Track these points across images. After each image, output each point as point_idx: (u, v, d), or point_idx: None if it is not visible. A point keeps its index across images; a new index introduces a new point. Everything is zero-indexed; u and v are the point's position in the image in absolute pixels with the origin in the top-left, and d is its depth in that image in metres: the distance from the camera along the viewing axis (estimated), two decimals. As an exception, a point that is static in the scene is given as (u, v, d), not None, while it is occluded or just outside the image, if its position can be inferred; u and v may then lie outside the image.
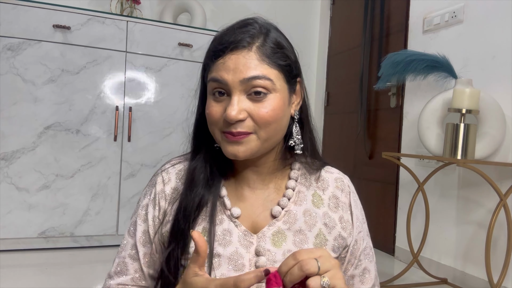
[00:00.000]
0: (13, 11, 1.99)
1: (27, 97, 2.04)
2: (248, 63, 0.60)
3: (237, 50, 0.61)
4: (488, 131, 1.69)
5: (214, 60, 0.63)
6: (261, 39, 0.62)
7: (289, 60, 0.65)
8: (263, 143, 0.63)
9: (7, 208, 2.02)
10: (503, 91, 1.75)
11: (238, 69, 0.60)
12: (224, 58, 0.61)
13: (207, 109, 0.64)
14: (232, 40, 0.61)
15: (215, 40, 0.65)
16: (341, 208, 0.70)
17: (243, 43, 0.61)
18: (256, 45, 0.62)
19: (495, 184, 1.55)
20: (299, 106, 0.70)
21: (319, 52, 3.22)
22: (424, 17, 2.18)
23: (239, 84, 0.60)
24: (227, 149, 0.63)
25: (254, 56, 0.61)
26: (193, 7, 2.55)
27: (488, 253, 1.53)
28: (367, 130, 2.61)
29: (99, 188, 2.19)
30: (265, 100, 0.61)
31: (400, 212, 2.31)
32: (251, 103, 0.61)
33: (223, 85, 0.61)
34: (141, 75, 2.27)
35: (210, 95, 0.64)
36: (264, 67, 0.61)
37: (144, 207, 0.71)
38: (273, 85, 0.61)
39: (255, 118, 0.61)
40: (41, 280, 1.72)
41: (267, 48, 0.62)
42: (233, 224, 0.66)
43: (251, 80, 0.60)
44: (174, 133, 2.34)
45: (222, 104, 0.62)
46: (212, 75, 0.62)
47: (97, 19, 2.15)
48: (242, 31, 0.62)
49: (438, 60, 1.83)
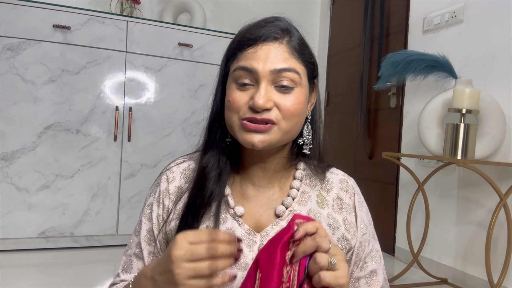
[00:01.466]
0: (13, 11, 1.99)
1: (27, 97, 2.04)
2: (279, 54, 0.61)
3: (269, 42, 0.62)
4: (488, 131, 1.69)
5: (243, 49, 0.63)
6: (289, 35, 0.64)
7: (313, 59, 0.68)
8: (283, 136, 0.63)
9: (7, 208, 2.02)
10: (503, 91, 1.75)
11: (269, 59, 0.61)
12: (256, 47, 0.62)
13: (229, 96, 0.63)
14: (263, 32, 0.62)
15: (242, 32, 0.65)
16: (345, 209, 0.70)
17: (274, 35, 0.62)
18: (286, 39, 0.63)
19: (495, 184, 1.55)
20: (313, 107, 0.71)
21: (319, 52, 3.22)
22: (424, 17, 2.18)
23: (269, 74, 0.61)
24: (244, 137, 0.62)
25: (285, 48, 0.62)
26: (193, 7, 2.55)
27: (488, 253, 1.53)
28: (367, 130, 2.60)
29: (99, 188, 2.19)
30: (292, 92, 0.62)
31: (400, 212, 2.31)
32: (278, 94, 0.62)
33: (252, 74, 0.61)
34: (141, 75, 2.27)
35: (234, 84, 0.63)
36: (293, 61, 0.63)
37: (149, 206, 0.71)
38: (300, 79, 0.63)
39: (281, 109, 0.61)
40: (41, 280, 1.72)
41: (295, 43, 0.64)
42: (237, 222, 0.66)
43: (282, 71, 0.61)
44: (174, 133, 2.34)
45: (247, 93, 0.62)
46: (240, 63, 0.62)
47: (97, 19, 2.15)
48: (271, 24, 0.64)
49: (438, 60, 1.82)
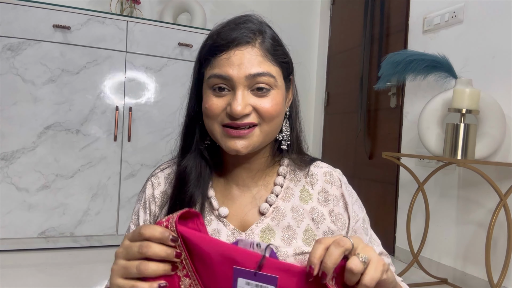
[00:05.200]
0: (13, 11, 1.99)
1: (27, 97, 2.04)
2: (253, 58, 0.61)
3: (242, 46, 0.61)
4: (488, 131, 1.69)
5: (215, 55, 0.62)
6: (261, 35, 0.63)
7: (287, 58, 0.67)
8: (264, 137, 0.64)
9: (7, 208, 2.02)
10: (503, 91, 1.75)
11: (243, 64, 0.60)
12: (229, 53, 0.61)
13: (206, 103, 0.63)
14: (235, 36, 0.61)
15: (213, 36, 0.64)
16: (332, 201, 0.69)
17: (246, 39, 0.61)
18: (258, 42, 0.62)
19: (495, 184, 1.55)
20: (290, 103, 0.71)
21: (319, 52, 3.22)
22: (424, 17, 2.18)
23: (245, 80, 0.60)
24: (228, 144, 0.62)
25: (258, 52, 0.62)
26: (193, 7, 2.55)
27: (488, 253, 1.53)
28: (367, 130, 2.60)
29: (99, 188, 2.19)
30: (269, 95, 0.62)
31: (400, 212, 2.31)
32: (255, 97, 0.62)
33: (227, 81, 0.61)
34: (141, 75, 2.27)
35: (209, 90, 0.63)
36: (267, 64, 0.62)
37: (136, 213, 0.72)
38: (275, 82, 0.63)
39: (260, 112, 0.61)
40: (41, 280, 1.72)
41: (268, 44, 0.63)
42: (222, 223, 0.66)
43: (257, 76, 0.60)
44: (174, 133, 2.31)
45: (223, 99, 0.62)
46: (214, 71, 0.62)
47: (97, 19, 2.15)
48: (243, 27, 0.62)
49: (438, 60, 1.82)
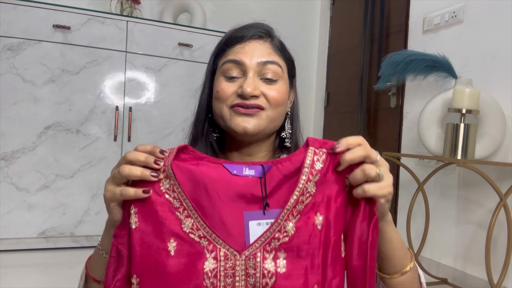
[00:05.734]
0: (13, 11, 1.99)
1: (27, 97, 2.04)
2: (264, 50, 0.70)
3: (255, 39, 0.70)
4: (488, 131, 1.69)
5: (231, 46, 0.71)
6: (272, 36, 0.73)
7: (292, 58, 0.76)
8: (269, 123, 0.69)
9: (7, 208, 2.01)
10: (503, 91, 1.74)
11: (255, 53, 0.69)
12: (243, 44, 0.70)
13: (217, 87, 0.69)
14: (249, 31, 0.71)
15: (230, 32, 0.73)
16: None
17: (259, 34, 0.71)
18: (269, 39, 0.72)
19: (495, 184, 1.55)
20: (292, 105, 0.77)
21: (319, 52, 3.22)
22: (424, 17, 2.18)
23: (256, 66, 0.68)
24: (236, 121, 0.66)
25: (269, 45, 0.71)
26: (193, 7, 2.55)
27: (488, 253, 1.53)
28: (367, 130, 2.60)
29: (99, 188, 2.18)
30: (276, 84, 0.69)
31: (400, 212, 2.31)
32: (264, 85, 0.68)
33: (240, 66, 0.68)
34: (141, 75, 2.27)
35: (222, 77, 0.70)
36: (276, 56, 0.71)
37: None
38: (282, 73, 0.71)
39: (268, 97, 0.68)
40: (41, 280, 1.72)
41: (278, 43, 0.73)
42: None
43: (267, 64, 0.68)
44: (174, 133, 2.34)
45: (234, 84, 0.68)
46: (228, 57, 0.69)
47: (97, 19, 2.15)
48: (256, 26, 0.72)
49: (438, 60, 1.82)
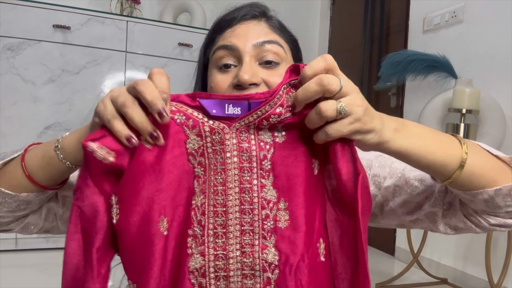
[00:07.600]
0: (13, 11, 1.99)
1: (27, 97, 2.03)
2: (259, 30, 0.58)
3: (247, 20, 0.58)
4: (488, 131, 1.68)
5: (221, 32, 0.59)
6: (267, 15, 0.61)
7: (294, 37, 0.64)
8: None
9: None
10: (503, 91, 1.74)
11: (249, 34, 0.57)
12: (234, 27, 0.58)
13: (211, 82, 0.58)
14: (240, 12, 0.59)
15: (218, 18, 0.62)
16: None
17: (252, 13, 0.59)
18: (264, 19, 0.60)
19: (495, 184, 1.55)
20: None
21: (319, 52, 3.22)
22: (424, 17, 2.18)
23: (252, 49, 0.56)
24: None
25: (265, 25, 0.59)
26: (193, 7, 2.55)
27: (488, 253, 1.53)
28: (367, 130, 2.60)
29: (99, 188, 2.18)
30: (279, 68, 0.57)
31: (400, 212, 2.31)
32: (264, 70, 0.56)
33: (233, 51, 0.56)
34: (141, 75, 2.26)
35: (215, 69, 0.58)
36: (275, 35, 0.58)
37: None
38: (285, 54, 0.58)
39: (270, 85, 0.55)
40: (41, 280, 1.72)
41: (276, 22, 0.61)
42: None
43: (265, 44, 0.56)
44: (174, 133, 2.34)
45: (229, 74, 0.57)
46: (219, 43, 0.58)
47: (97, 19, 2.14)
48: (249, 6, 0.61)
49: (438, 60, 1.82)
